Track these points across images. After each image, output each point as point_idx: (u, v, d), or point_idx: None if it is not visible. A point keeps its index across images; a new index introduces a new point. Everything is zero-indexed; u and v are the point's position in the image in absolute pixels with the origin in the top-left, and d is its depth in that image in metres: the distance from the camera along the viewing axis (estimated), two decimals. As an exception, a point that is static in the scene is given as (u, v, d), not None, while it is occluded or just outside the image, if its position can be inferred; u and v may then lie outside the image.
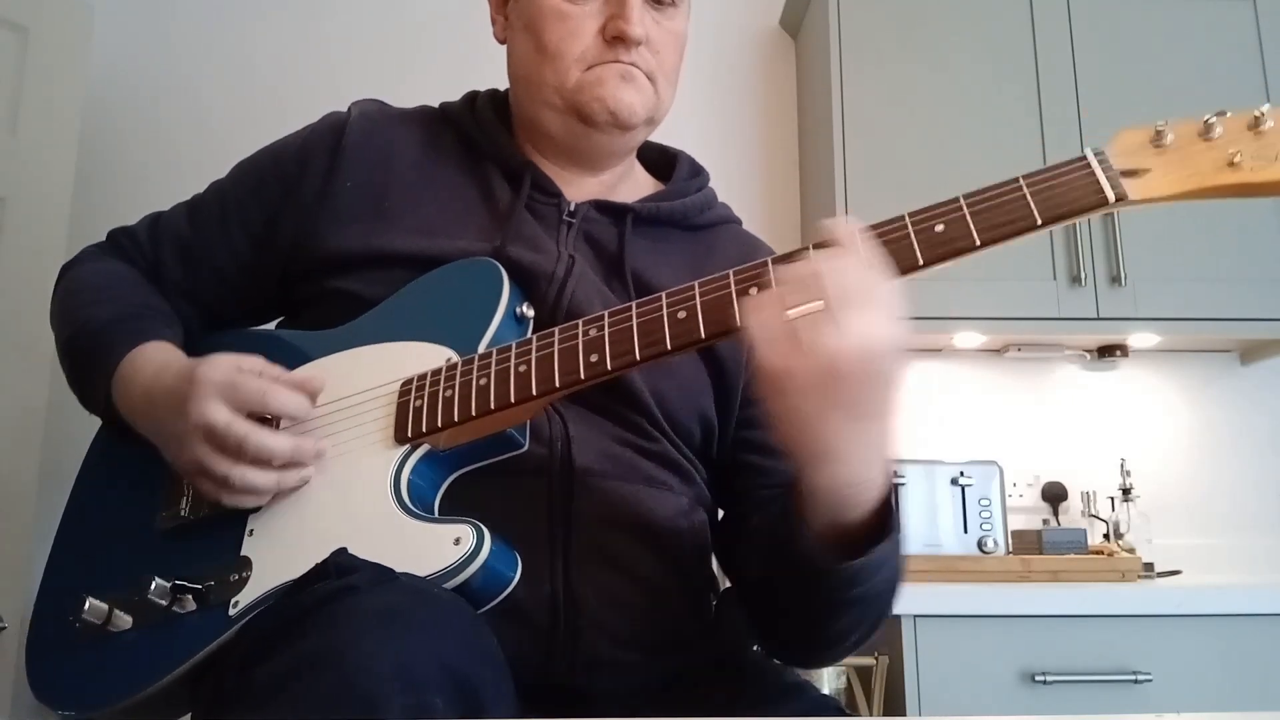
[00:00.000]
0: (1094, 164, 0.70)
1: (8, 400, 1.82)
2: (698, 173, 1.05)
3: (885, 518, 0.73)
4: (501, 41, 1.00)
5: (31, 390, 1.80)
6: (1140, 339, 2.14)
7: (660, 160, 1.07)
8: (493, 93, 1.04)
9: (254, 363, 0.83)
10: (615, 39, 0.90)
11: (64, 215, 1.96)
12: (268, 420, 0.80)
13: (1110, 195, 0.69)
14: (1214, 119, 0.70)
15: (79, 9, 2.06)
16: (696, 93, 2.36)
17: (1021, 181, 0.71)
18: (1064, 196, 0.70)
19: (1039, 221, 0.69)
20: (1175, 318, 1.99)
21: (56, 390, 0.98)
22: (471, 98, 1.03)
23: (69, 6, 2.04)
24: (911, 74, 2.07)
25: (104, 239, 1.06)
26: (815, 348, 0.65)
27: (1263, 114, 0.69)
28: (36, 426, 1.83)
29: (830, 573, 0.73)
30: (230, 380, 0.80)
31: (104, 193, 2.19)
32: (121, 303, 0.95)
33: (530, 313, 0.87)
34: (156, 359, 0.88)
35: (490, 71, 1.01)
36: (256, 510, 0.82)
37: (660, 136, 1.08)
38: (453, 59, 2.26)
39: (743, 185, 2.32)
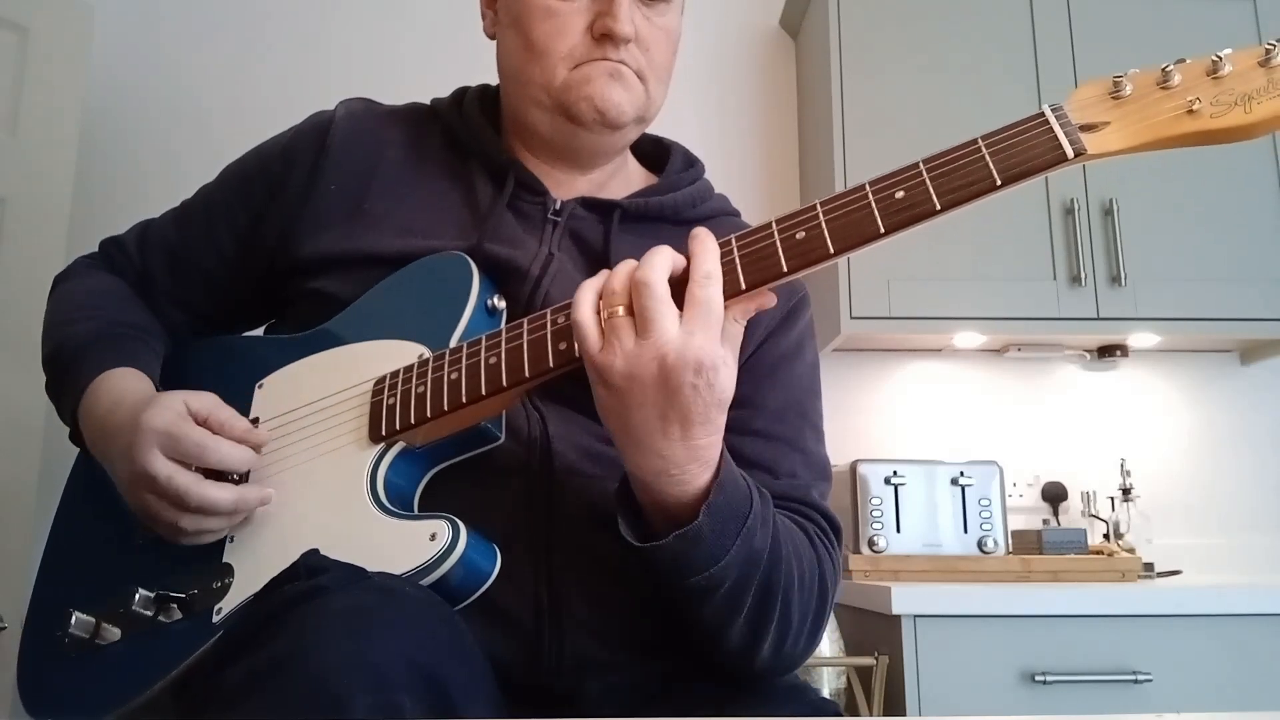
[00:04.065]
0: (1052, 120, 0.68)
1: (7, 400, 1.81)
2: (692, 164, 1.04)
3: (700, 505, 0.72)
4: (491, 37, 0.99)
5: (31, 390, 1.79)
6: (1140, 339, 2.14)
7: (655, 152, 1.06)
8: (482, 89, 1.02)
9: (203, 404, 0.82)
10: (603, 36, 0.88)
11: (64, 215, 1.96)
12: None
13: (1069, 151, 0.67)
14: (1172, 66, 0.67)
15: (79, 9, 2.06)
16: (697, 93, 2.36)
17: (980, 142, 0.69)
18: (1022, 155, 0.67)
19: (998, 182, 0.67)
20: (1175, 318, 1.99)
21: (56, 390, 0.98)
22: (460, 95, 1.02)
23: (69, 6, 2.04)
24: (911, 74, 2.07)
25: (95, 249, 1.06)
26: (621, 349, 0.69)
27: (1221, 58, 0.66)
28: (36, 427, 1.82)
29: (643, 551, 0.73)
30: (170, 431, 0.79)
31: (104, 193, 2.19)
32: (99, 321, 0.95)
33: (502, 304, 0.87)
34: (115, 390, 0.87)
35: (493, 73, 1.01)
36: None
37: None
38: (454, 59, 2.26)
39: (743, 185, 2.32)
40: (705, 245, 0.71)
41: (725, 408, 0.72)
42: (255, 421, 0.87)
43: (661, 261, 0.70)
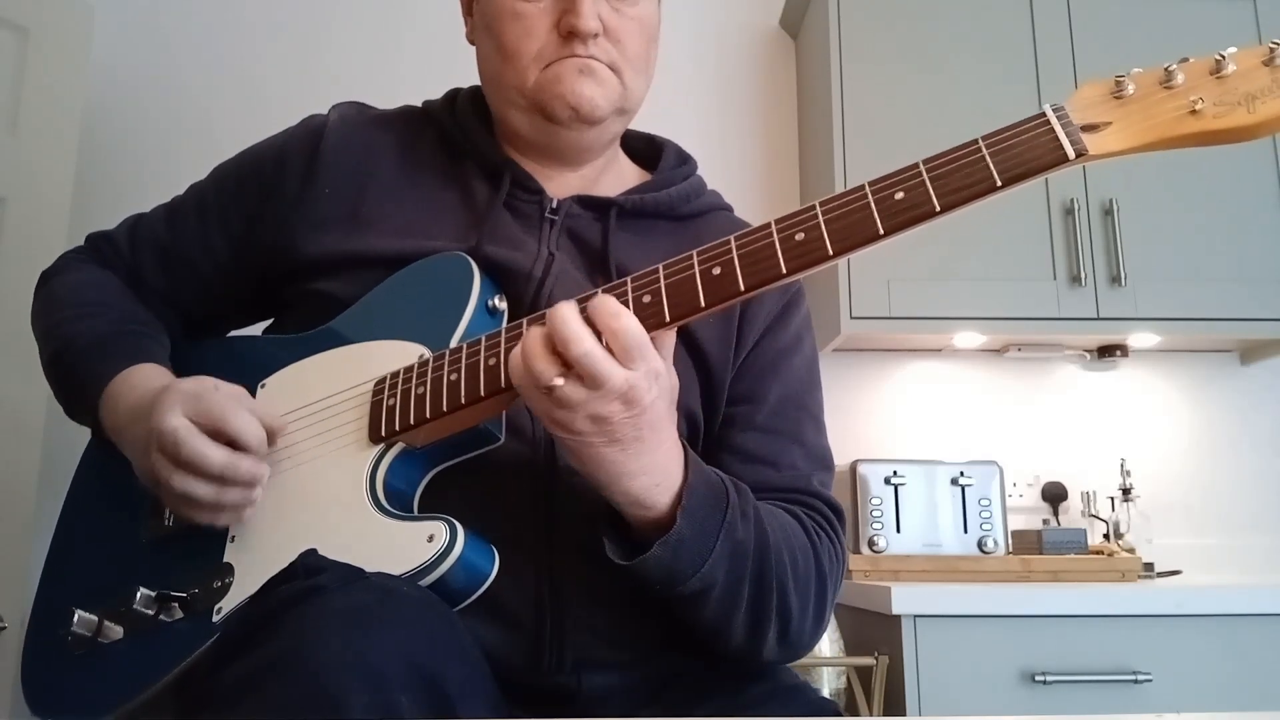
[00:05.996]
0: (1053, 120, 0.68)
1: (8, 400, 1.81)
2: (684, 160, 1.04)
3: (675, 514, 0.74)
4: (472, 43, 1.00)
5: (31, 390, 1.80)
6: (1140, 339, 2.14)
7: (647, 150, 1.06)
8: (474, 90, 1.03)
9: (237, 389, 0.84)
10: (569, 34, 0.89)
11: (64, 215, 1.96)
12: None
13: (1070, 152, 0.66)
14: (1175, 66, 0.67)
15: (79, 9, 2.06)
16: (697, 93, 2.36)
17: (981, 143, 0.68)
18: (1023, 156, 0.67)
19: (999, 183, 0.67)
20: (1175, 318, 1.99)
21: (56, 390, 0.98)
22: (452, 96, 1.02)
23: (69, 6, 2.04)
24: (911, 74, 2.07)
25: (83, 243, 1.06)
26: (580, 407, 0.69)
27: (1224, 57, 0.65)
28: (36, 426, 1.82)
29: (632, 569, 0.75)
30: (198, 392, 0.80)
31: (104, 193, 2.19)
32: (110, 317, 0.95)
33: (503, 305, 0.87)
34: (146, 380, 0.88)
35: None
36: None
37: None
38: (453, 60, 2.26)
39: (743, 185, 2.32)
40: (597, 299, 0.71)
41: (675, 396, 0.75)
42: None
43: (574, 314, 0.70)
